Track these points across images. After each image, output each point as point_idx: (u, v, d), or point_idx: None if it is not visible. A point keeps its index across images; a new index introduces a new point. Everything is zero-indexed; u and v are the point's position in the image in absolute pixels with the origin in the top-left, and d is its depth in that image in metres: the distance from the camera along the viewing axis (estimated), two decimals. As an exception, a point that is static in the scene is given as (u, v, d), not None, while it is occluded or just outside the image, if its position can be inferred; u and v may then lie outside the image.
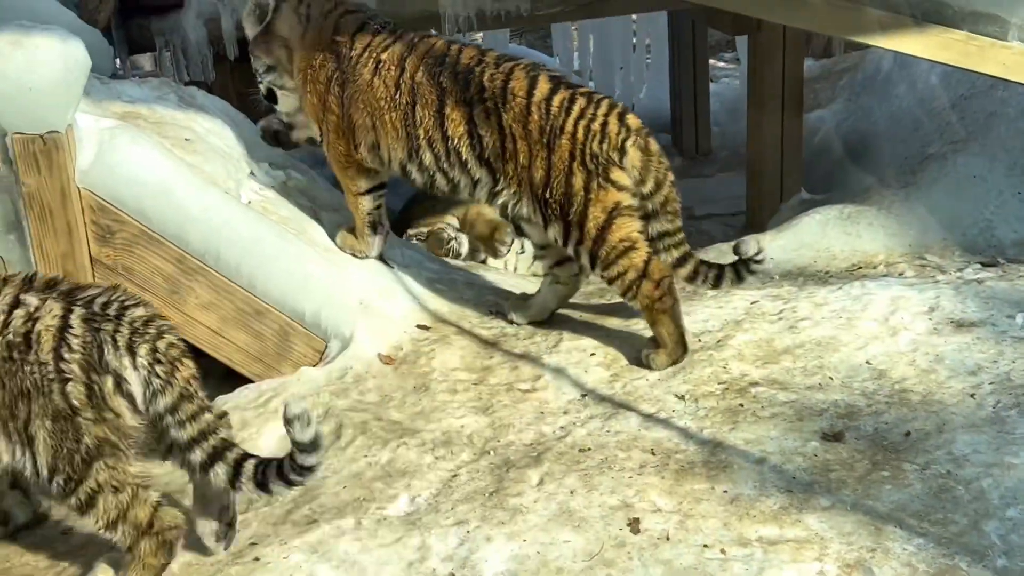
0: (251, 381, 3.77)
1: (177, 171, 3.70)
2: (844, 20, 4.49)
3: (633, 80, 8.69)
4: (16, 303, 2.73)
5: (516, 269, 5.27)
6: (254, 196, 4.12)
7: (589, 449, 3.19)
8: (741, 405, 3.34)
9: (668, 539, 2.77)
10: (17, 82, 3.35)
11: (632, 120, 3.75)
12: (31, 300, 2.74)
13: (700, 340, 3.75)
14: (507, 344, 3.90)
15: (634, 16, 8.35)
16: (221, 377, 4.05)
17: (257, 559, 2.85)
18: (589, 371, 3.65)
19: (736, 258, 3.77)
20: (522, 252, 5.30)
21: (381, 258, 4.20)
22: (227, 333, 3.75)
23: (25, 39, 3.40)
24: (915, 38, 4.41)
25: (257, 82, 4.24)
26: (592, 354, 3.74)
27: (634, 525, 2.83)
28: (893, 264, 4.54)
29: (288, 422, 2.64)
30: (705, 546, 2.73)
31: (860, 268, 4.57)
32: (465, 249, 5.22)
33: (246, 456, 2.76)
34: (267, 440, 3.39)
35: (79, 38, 3.52)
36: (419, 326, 3.97)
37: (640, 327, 3.88)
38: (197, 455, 2.75)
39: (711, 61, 8.91)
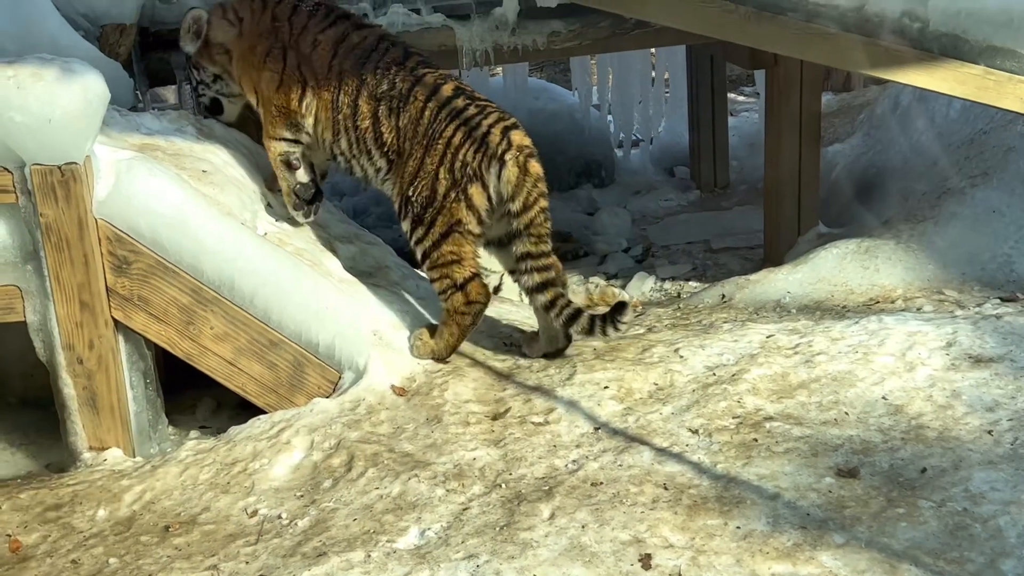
0: (264, 412, 3.77)
1: (193, 202, 3.73)
2: (861, 55, 4.49)
3: (652, 114, 8.70)
4: None
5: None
6: (270, 227, 4.15)
7: (601, 483, 3.17)
8: (755, 440, 3.31)
9: (680, 575, 2.74)
10: (37, 114, 3.38)
11: (516, 135, 3.82)
12: None
13: (714, 374, 3.73)
14: (520, 376, 3.89)
15: (653, 50, 8.38)
16: (235, 407, 4.07)
17: (266, 591, 2.84)
18: (602, 404, 3.63)
19: (606, 309, 3.81)
20: None
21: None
22: (241, 364, 3.76)
23: (45, 71, 3.43)
24: (932, 73, 4.41)
25: (199, 97, 4.53)
26: (605, 387, 3.72)
27: (646, 561, 2.80)
28: (911, 299, 4.51)
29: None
30: (717, 583, 2.70)
31: (877, 302, 4.54)
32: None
33: None
34: (279, 470, 3.39)
35: (99, 71, 3.56)
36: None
37: (654, 359, 3.86)
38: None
39: (730, 95, 8.92)
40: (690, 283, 5.82)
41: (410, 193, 3.90)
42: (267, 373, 3.77)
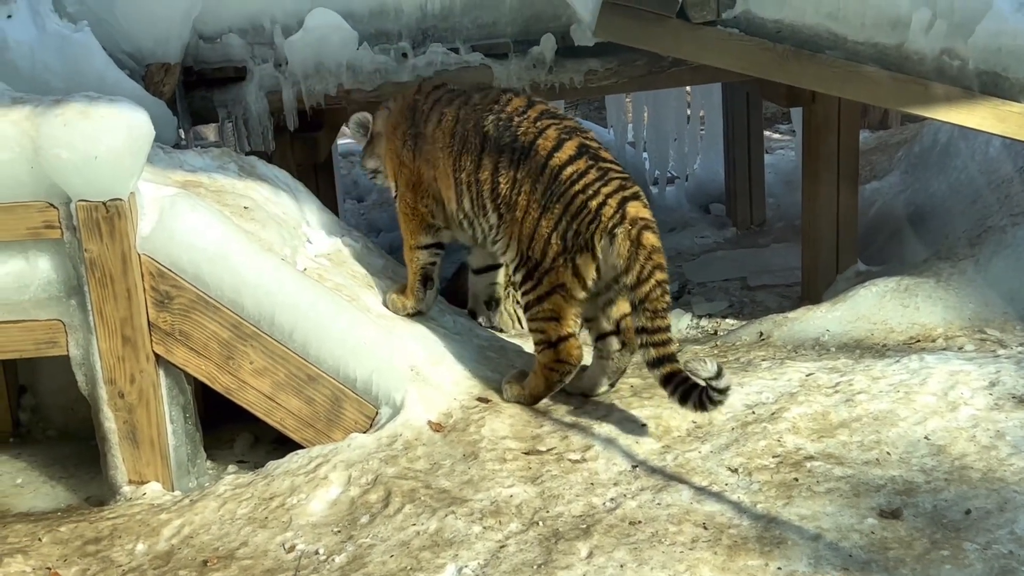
0: (302, 446, 3.78)
1: (234, 238, 3.77)
2: (899, 92, 4.49)
3: (687, 151, 8.71)
4: None
5: None
6: (309, 263, 4.18)
7: (640, 522, 3.14)
8: (796, 479, 3.27)
9: (720, 616, 2.71)
10: (83, 151, 3.44)
11: (632, 208, 3.69)
12: None
13: (754, 412, 3.70)
14: (557, 413, 3.88)
15: (688, 88, 8.40)
16: (273, 442, 4.08)
17: (303, 627, 2.83)
18: (640, 442, 3.61)
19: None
20: None
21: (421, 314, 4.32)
22: (280, 398, 3.78)
23: (92, 109, 3.50)
24: (972, 110, 4.39)
25: None
26: (643, 425, 3.70)
27: (685, 601, 2.78)
28: (952, 337, 4.46)
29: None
30: (758, 624, 2.66)
31: (918, 341, 4.49)
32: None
33: None
34: (316, 505, 3.39)
35: (143, 109, 3.62)
36: (479, 399, 3.96)
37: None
38: None
39: (766, 133, 8.91)
40: (727, 320, 5.78)
41: (527, 251, 3.86)
42: (305, 408, 3.79)
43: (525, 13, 5.03)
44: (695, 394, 3.51)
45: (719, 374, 3.41)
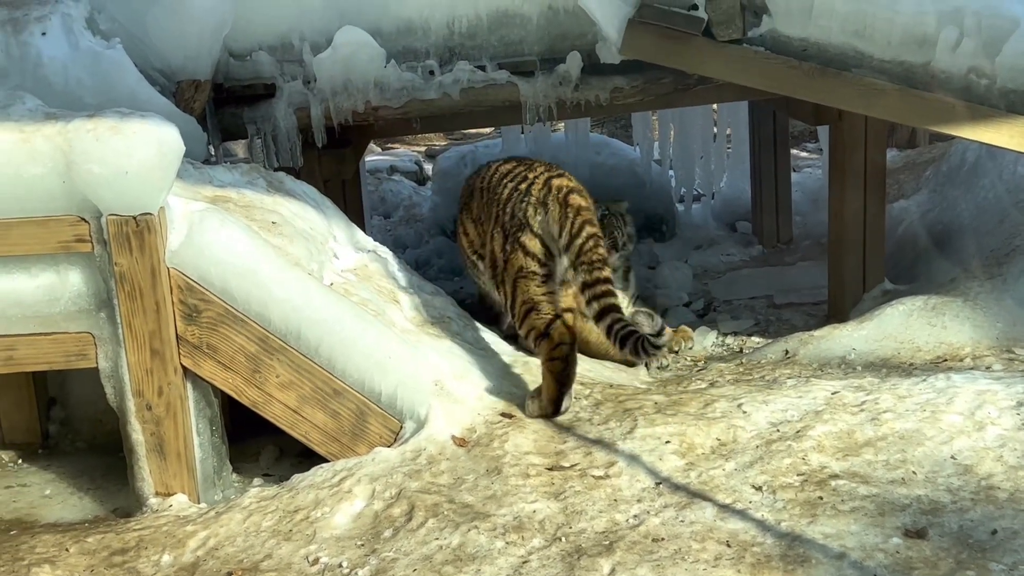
0: (327, 460, 3.80)
1: (262, 252, 3.80)
2: (927, 111, 4.47)
3: (713, 168, 8.70)
4: None
5: None
6: (336, 278, 4.21)
7: (663, 539, 3.14)
8: (820, 498, 3.26)
9: (743, 634, 2.69)
10: (114, 166, 3.48)
11: (557, 181, 4.04)
12: None
13: (778, 430, 3.69)
14: (581, 429, 3.88)
15: (715, 105, 8.39)
16: (297, 455, 4.10)
17: (326, 640, 2.84)
18: (664, 459, 3.61)
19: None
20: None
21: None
22: (305, 412, 3.80)
23: (123, 125, 3.54)
24: (1000, 129, 4.37)
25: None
26: (667, 442, 3.69)
27: (708, 619, 2.77)
28: (980, 357, 4.43)
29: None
30: (781, 643, 2.65)
31: (945, 360, 4.46)
32: None
33: None
34: (340, 519, 3.41)
35: (174, 125, 3.65)
36: (502, 414, 3.97)
37: (717, 414, 3.83)
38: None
39: (793, 151, 8.89)
40: (753, 338, 5.75)
41: (491, 264, 4.14)
42: (330, 422, 3.81)
43: (551, 31, 5.06)
44: (632, 340, 3.75)
45: (660, 332, 3.85)
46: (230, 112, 5.19)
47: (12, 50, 4.52)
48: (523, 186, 4.04)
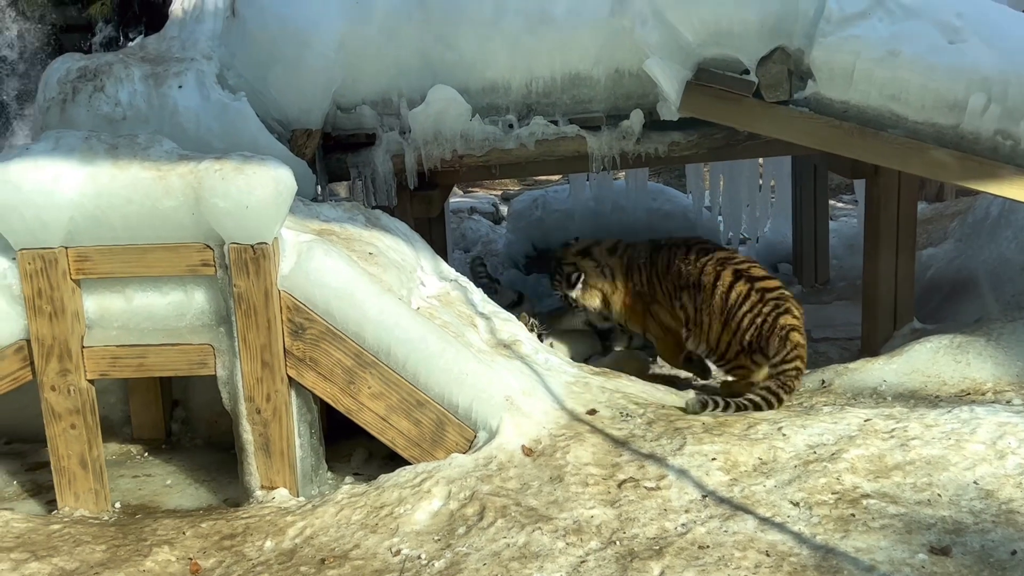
0: (409, 463, 3.81)
1: (360, 279, 3.84)
2: (956, 168, 4.37)
3: (758, 216, 8.60)
4: None
5: None
6: (422, 303, 4.23)
7: (708, 546, 3.08)
8: (853, 515, 3.17)
9: (779, 636, 2.62)
10: (237, 201, 3.54)
11: (785, 319, 4.71)
12: None
13: (815, 452, 3.60)
14: (635, 444, 3.83)
15: (761, 160, 8.31)
16: (384, 457, 4.12)
17: (405, 623, 2.83)
18: (710, 474, 3.54)
19: None
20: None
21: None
22: (392, 420, 3.81)
23: (245, 166, 3.61)
24: (1022, 186, 4.25)
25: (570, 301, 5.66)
26: (713, 459, 3.63)
27: (747, 620, 2.70)
28: (1001, 392, 4.29)
29: None
30: (814, 646, 2.57)
31: (969, 394, 4.33)
32: None
33: None
34: (420, 515, 3.41)
35: (288, 167, 3.71)
36: (565, 428, 3.92)
37: (759, 436, 3.76)
38: None
39: (831, 202, 8.75)
40: (791, 369, 5.64)
41: (717, 347, 4.98)
42: (413, 429, 3.81)
43: (617, 91, 5.05)
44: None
45: None
46: (336, 157, 5.26)
47: (153, 100, 4.65)
48: (757, 321, 4.76)
